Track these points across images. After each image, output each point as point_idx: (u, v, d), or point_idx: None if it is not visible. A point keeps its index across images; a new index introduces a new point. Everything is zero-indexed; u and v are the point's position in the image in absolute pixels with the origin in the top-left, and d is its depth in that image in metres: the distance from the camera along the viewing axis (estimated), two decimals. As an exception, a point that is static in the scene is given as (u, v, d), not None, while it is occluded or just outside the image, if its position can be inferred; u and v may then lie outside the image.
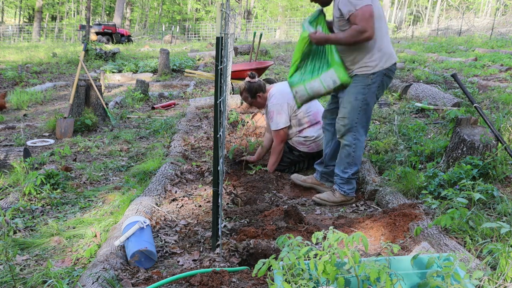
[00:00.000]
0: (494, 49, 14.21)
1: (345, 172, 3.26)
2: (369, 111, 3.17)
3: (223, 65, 2.43)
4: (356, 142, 3.18)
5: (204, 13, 44.79)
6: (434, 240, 2.31)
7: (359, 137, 3.19)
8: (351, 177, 3.27)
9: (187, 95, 8.69)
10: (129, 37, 24.07)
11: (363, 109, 3.12)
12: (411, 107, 6.07)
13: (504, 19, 30.31)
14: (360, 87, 3.09)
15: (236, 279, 2.13)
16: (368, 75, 3.06)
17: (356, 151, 3.20)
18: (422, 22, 38.81)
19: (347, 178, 3.26)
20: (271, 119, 3.93)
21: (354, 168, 3.25)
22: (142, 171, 4.02)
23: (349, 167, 3.24)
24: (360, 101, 3.10)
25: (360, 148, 3.22)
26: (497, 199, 2.69)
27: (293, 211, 2.88)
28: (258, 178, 3.84)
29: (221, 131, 2.53)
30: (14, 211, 3.16)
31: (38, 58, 14.08)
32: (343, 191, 3.29)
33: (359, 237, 1.65)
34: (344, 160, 3.24)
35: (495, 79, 8.64)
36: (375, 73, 3.06)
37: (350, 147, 3.20)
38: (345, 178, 3.26)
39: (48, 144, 5.33)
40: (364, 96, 3.09)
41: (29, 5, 37.28)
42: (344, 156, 3.24)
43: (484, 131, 3.29)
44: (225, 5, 2.41)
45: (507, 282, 1.82)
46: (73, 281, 2.24)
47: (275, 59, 13.93)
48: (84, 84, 6.14)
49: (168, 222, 2.95)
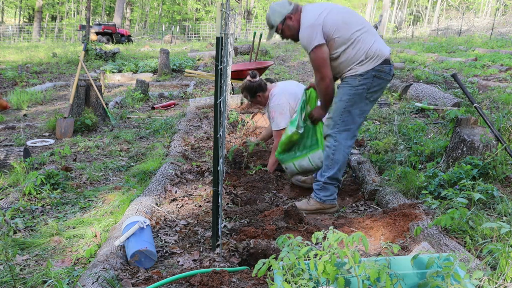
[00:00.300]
0: (494, 49, 14.22)
1: (322, 175, 3.14)
2: (355, 113, 3.02)
3: (223, 65, 2.43)
4: (337, 145, 3.06)
5: (204, 13, 44.80)
6: (434, 240, 2.31)
7: (340, 139, 3.05)
8: (327, 181, 3.12)
9: (187, 95, 8.69)
10: (129, 37, 24.07)
11: (347, 111, 3.00)
12: (411, 107, 6.07)
13: (504, 19, 30.32)
14: (346, 88, 3.01)
15: (236, 279, 2.13)
16: (356, 76, 2.98)
17: (336, 154, 3.07)
18: (422, 22, 38.81)
19: (323, 182, 3.13)
20: (273, 119, 3.93)
21: (331, 172, 3.09)
22: (142, 171, 4.02)
23: (327, 170, 3.11)
24: (344, 102, 3.00)
25: (340, 151, 3.06)
26: (497, 199, 2.69)
27: (293, 211, 2.88)
28: (258, 178, 3.84)
29: (221, 131, 2.53)
30: (14, 211, 3.16)
31: (38, 58, 14.09)
32: (318, 198, 3.15)
33: (359, 237, 1.65)
34: (323, 162, 3.15)
35: (495, 79, 8.65)
36: (363, 74, 2.95)
37: (330, 148, 3.09)
38: (321, 182, 3.14)
39: (48, 144, 5.33)
40: (349, 97, 2.99)
41: (29, 5, 37.29)
42: (324, 158, 3.16)
43: (484, 131, 3.29)
44: (225, 5, 2.41)
45: (507, 282, 1.82)
46: (73, 281, 2.24)
47: (275, 59, 13.94)
48: (84, 84, 6.14)
49: (168, 222, 2.95)
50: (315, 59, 2.98)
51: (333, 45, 2.96)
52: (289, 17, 3.06)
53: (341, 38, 2.94)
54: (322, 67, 2.99)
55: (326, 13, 2.96)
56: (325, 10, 2.98)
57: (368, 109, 3.11)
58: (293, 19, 3.06)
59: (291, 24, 3.07)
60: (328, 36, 2.94)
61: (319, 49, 2.94)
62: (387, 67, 3.00)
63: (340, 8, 3.11)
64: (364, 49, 2.95)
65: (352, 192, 3.59)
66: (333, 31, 2.93)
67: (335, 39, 2.94)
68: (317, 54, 2.95)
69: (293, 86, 4.06)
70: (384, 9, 29.78)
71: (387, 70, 3.01)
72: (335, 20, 2.95)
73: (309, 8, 3.05)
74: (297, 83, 4.20)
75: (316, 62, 2.99)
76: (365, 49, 2.95)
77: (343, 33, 2.94)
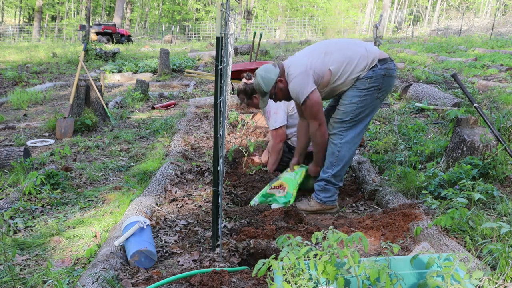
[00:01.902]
0: (494, 49, 14.22)
1: (325, 172, 3.13)
2: (364, 114, 3.03)
3: (223, 65, 2.43)
4: (343, 142, 3.06)
5: (204, 13, 44.78)
6: (434, 240, 2.31)
7: (347, 138, 3.06)
8: (331, 180, 3.12)
9: (187, 95, 8.69)
10: (129, 37, 24.08)
11: (357, 113, 3.01)
12: (411, 107, 6.07)
13: (504, 19, 30.31)
14: (356, 91, 3.00)
15: (236, 279, 2.13)
16: (366, 79, 2.98)
17: (342, 151, 3.07)
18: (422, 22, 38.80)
19: (326, 181, 3.13)
20: (268, 118, 3.93)
21: (336, 169, 3.09)
22: (142, 171, 4.02)
23: (331, 167, 3.10)
24: (355, 104, 3.01)
25: (346, 148, 3.07)
26: (497, 199, 2.69)
27: (293, 211, 2.89)
28: (258, 178, 3.84)
29: (221, 131, 2.53)
30: (14, 211, 3.16)
31: (38, 58, 14.09)
32: (318, 199, 3.15)
33: (358, 237, 1.65)
34: (327, 159, 3.14)
35: (495, 79, 8.65)
36: (373, 77, 2.96)
37: (335, 146, 3.08)
38: (323, 183, 3.13)
39: (48, 144, 5.33)
40: (360, 99, 2.99)
41: (29, 5, 37.27)
42: (328, 154, 3.13)
43: (484, 131, 3.29)
44: (225, 5, 2.41)
45: (507, 282, 1.82)
46: (73, 281, 2.24)
47: (275, 59, 13.93)
48: (84, 84, 6.15)
49: (168, 222, 2.95)
50: (312, 104, 2.99)
51: (331, 73, 2.99)
52: (280, 80, 3.11)
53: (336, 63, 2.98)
54: (318, 111, 3.03)
55: (310, 56, 3.03)
56: (309, 55, 3.06)
57: (377, 108, 3.16)
58: (283, 81, 3.11)
59: (282, 86, 3.12)
60: (322, 72, 2.99)
61: (314, 93, 2.97)
62: (391, 63, 3.04)
63: (318, 45, 3.17)
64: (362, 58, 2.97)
65: (352, 192, 3.58)
66: (327, 64, 2.98)
67: (330, 71, 2.98)
68: (313, 98, 2.97)
69: None
70: (384, 9, 29.80)
71: (393, 66, 3.04)
72: (319, 54, 3.02)
73: (292, 61, 3.10)
74: None
75: (314, 108, 3.00)
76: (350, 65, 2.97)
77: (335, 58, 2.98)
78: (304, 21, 33.00)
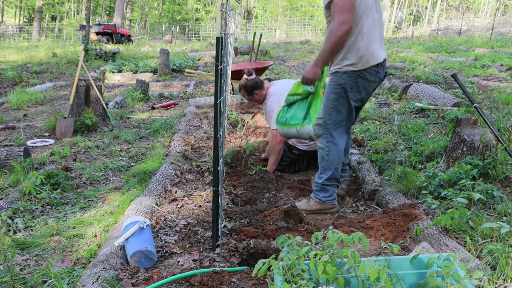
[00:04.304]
0: (494, 49, 14.23)
1: (320, 177, 3.10)
2: (343, 111, 2.96)
3: (223, 65, 2.43)
4: (330, 145, 3.01)
5: (204, 13, 44.79)
6: (434, 240, 2.31)
7: (333, 139, 3.00)
8: (326, 183, 3.08)
9: (187, 95, 8.69)
10: (129, 37, 24.07)
11: (336, 110, 2.95)
12: (411, 107, 6.07)
13: (504, 19, 30.33)
14: (332, 87, 2.94)
15: (236, 279, 2.13)
16: (341, 74, 2.88)
17: (330, 155, 3.02)
18: (422, 22, 38.80)
19: (321, 184, 3.09)
20: (270, 118, 3.93)
21: (328, 173, 3.05)
22: (142, 171, 4.02)
23: (324, 172, 3.07)
24: (331, 102, 2.94)
25: (334, 151, 3.02)
26: (497, 199, 2.69)
27: (293, 211, 2.88)
28: (258, 178, 3.84)
29: (221, 131, 2.53)
30: (14, 211, 3.16)
31: (38, 58, 14.09)
32: (318, 199, 3.12)
33: (358, 237, 1.65)
34: (319, 164, 3.11)
35: (495, 79, 8.65)
36: (347, 73, 2.86)
37: (323, 150, 3.04)
38: (319, 184, 3.11)
39: (48, 144, 5.33)
40: (336, 96, 2.92)
41: (29, 5, 37.27)
42: (319, 160, 3.10)
43: (484, 131, 3.29)
44: (225, 5, 2.41)
45: (507, 282, 1.82)
46: (73, 281, 2.24)
47: (275, 59, 13.93)
48: (84, 84, 6.15)
49: (168, 222, 2.95)
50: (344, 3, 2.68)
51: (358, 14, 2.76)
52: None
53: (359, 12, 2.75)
54: (347, 10, 2.70)
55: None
56: None
57: (354, 107, 3.01)
58: None
59: None
60: None
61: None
62: (380, 68, 2.90)
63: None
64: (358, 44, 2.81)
65: (352, 192, 3.58)
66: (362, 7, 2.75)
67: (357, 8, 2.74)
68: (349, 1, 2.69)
69: (290, 85, 4.06)
70: (384, 9, 29.80)
71: (375, 71, 2.89)
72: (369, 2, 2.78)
73: None
74: (294, 81, 4.20)
75: (344, 7, 2.68)
76: (358, 45, 2.81)
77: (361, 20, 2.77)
78: (304, 21, 32.99)
